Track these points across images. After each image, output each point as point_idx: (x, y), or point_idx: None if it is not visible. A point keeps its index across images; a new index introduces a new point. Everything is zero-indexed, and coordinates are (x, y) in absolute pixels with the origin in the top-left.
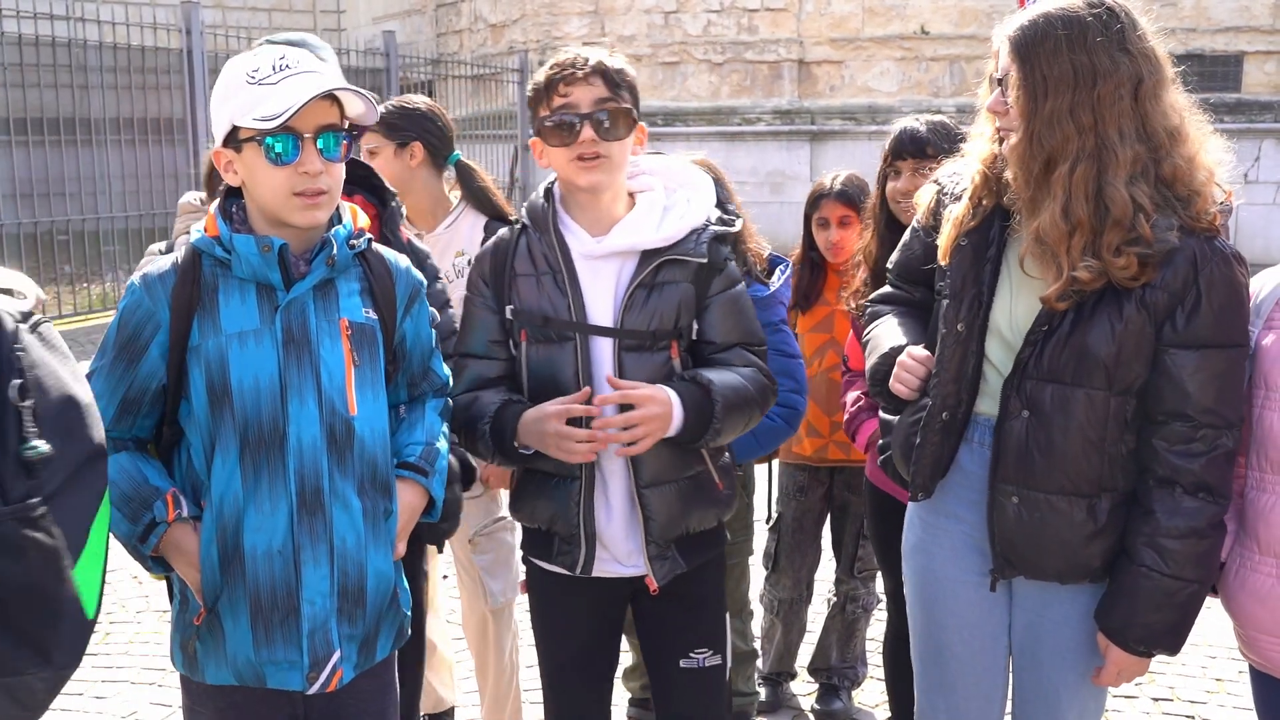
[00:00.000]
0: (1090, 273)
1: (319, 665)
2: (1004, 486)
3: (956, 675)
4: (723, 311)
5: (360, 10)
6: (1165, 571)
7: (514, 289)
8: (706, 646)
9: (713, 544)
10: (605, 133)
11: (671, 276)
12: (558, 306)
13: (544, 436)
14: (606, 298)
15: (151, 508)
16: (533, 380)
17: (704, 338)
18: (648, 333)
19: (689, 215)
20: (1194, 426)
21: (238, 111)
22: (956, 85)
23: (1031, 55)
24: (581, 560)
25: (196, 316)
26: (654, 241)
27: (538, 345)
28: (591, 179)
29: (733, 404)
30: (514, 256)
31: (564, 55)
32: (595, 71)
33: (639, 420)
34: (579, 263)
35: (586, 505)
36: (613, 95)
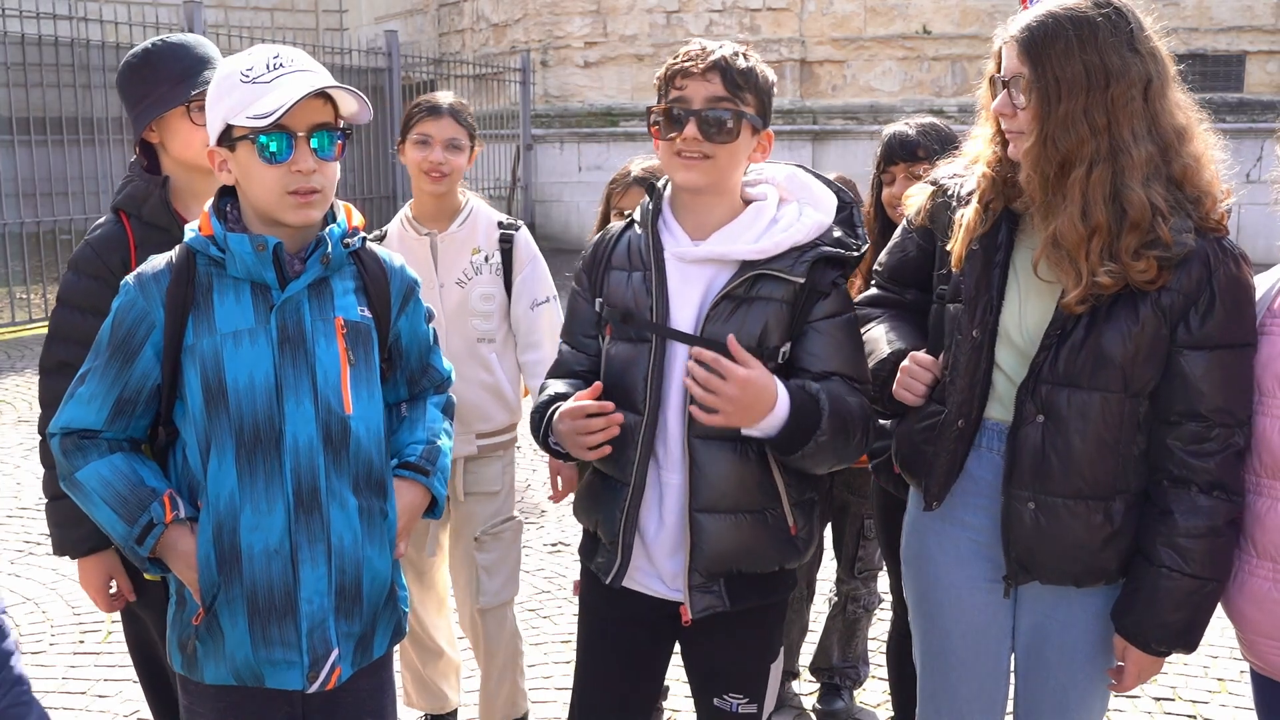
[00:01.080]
0: (1112, 278)
1: (318, 664)
2: (1019, 493)
3: (959, 680)
4: (823, 339)
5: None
6: (1186, 571)
7: (605, 282)
8: (743, 694)
9: (773, 589)
10: (712, 133)
11: (766, 292)
12: (641, 305)
13: (561, 436)
14: (692, 304)
15: (148, 509)
16: (608, 377)
17: (799, 364)
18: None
19: (795, 230)
20: (1208, 426)
21: (231, 110)
22: (959, 85)
23: (1043, 57)
24: (614, 570)
25: (191, 316)
26: (748, 253)
27: (619, 343)
28: (688, 176)
29: (839, 425)
30: (613, 250)
31: (691, 46)
32: (714, 67)
33: (726, 393)
34: (670, 264)
35: (631, 514)
36: (730, 95)
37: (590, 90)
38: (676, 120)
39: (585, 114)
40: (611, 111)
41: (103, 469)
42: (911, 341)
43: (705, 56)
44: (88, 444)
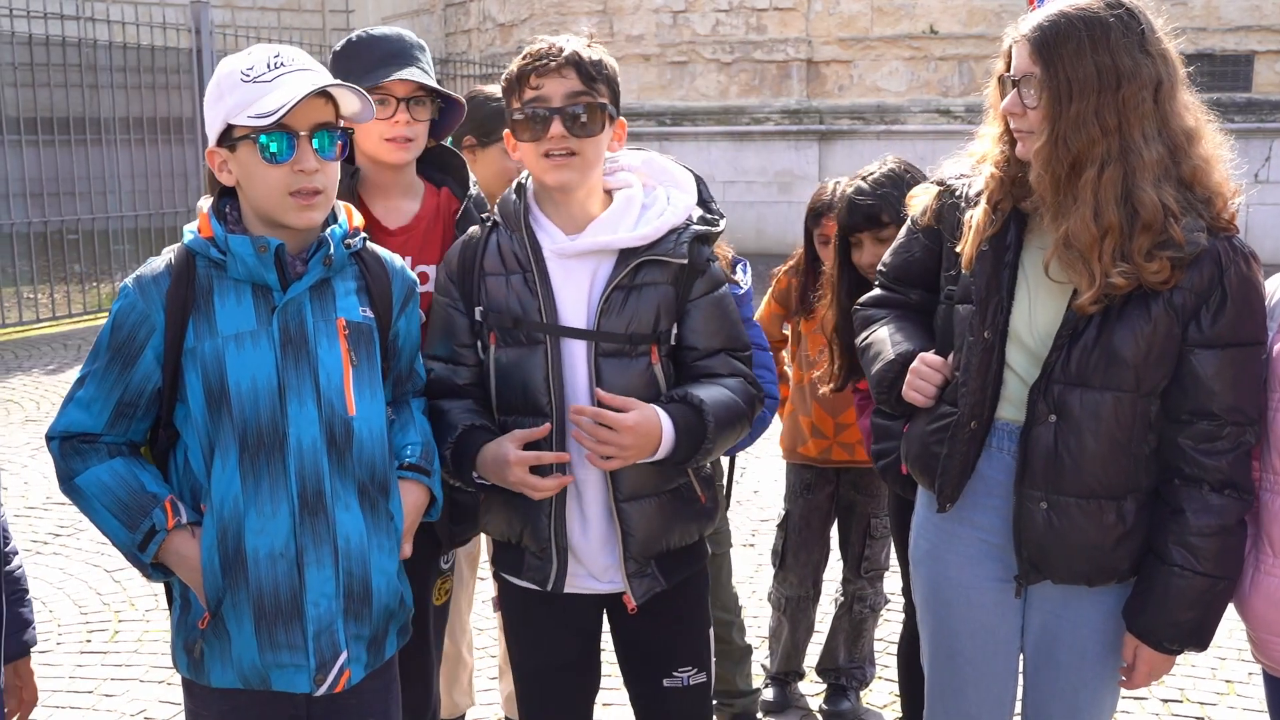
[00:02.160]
0: (1125, 278)
1: (325, 667)
2: (1031, 493)
3: (967, 679)
4: (706, 315)
5: (369, 10)
6: (1198, 570)
7: (483, 288)
8: (690, 664)
9: (694, 559)
10: (577, 129)
11: (651, 278)
12: (528, 307)
13: (504, 480)
14: (580, 299)
15: (150, 515)
16: (501, 385)
17: (685, 343)
18: (624, 336)
19: (669, 214)
20: (1219, 424)
21: (232, 110)
22: (965, 85)
23: (1055, 57)
24: (553, 576)
25: (192, 319)
26: (630, 240)
27: (507, 349)
28: (561, 177)
29: (724, 422)
30: (483, 255)
31: (538, 44)
32: (569, 63)
33: (611, 441)
34: (551, 261)
35: (559, 518)
36: (587, 89)
37: None
38: (538, 120)
39: None
40: None
41: (103, 474)
42: (918, 343)
43: (558, 53)
44: (87, 448)
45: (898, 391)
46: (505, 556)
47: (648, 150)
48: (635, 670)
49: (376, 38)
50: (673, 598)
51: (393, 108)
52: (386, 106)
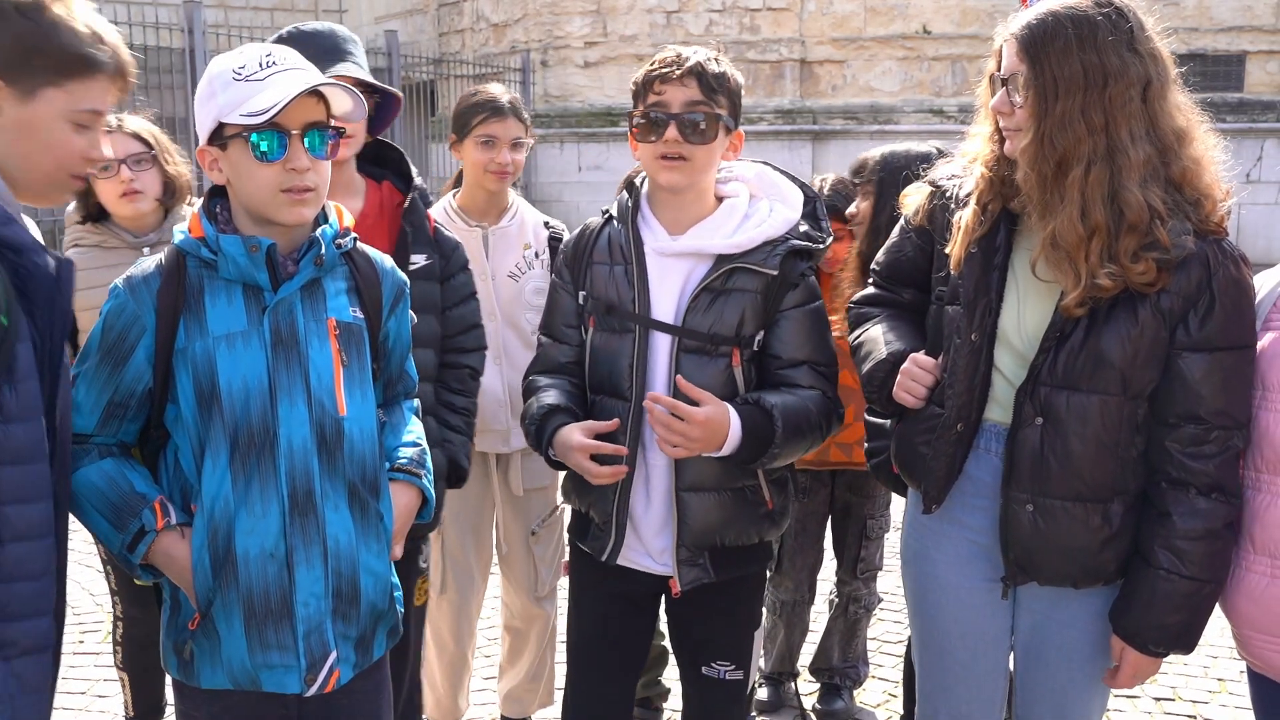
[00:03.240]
0: (1112, 279)
1: (315, 667)
2: (1018, 494)
3: (957, 680)
4: (793, 328)
5: (362, 10)
6: (1184, 573)
7: (589, 276)
8: (729, 660)
9: (751, 560)
10: (691, 135)
11: (741, 284)
12: (624, 297)
13: (570, 463)
14: (672, 296)
15: (139, 515)
16: (593, 367)
17: (771, 351)
18: (706, 335)
19: (767, 225)
20: (1207, 428)
21: (224, 108)
22: (959, 85)
23: (1042, 55)
24: (609, 547)
25: (182, 318)
26: (725, 247)
27: (603, 334)
28: (671, 178)
29: (794, 428)
30: (594, 245)
31: (667, 52)
32: (691, 73)
33: (679, 430)
34: (650, 258)
35: (623, 496)
36: (706, 99)
37: (590, 90)
38: (656, 124)
39: (585, 114)
40: (611, 111)
41: (93, 475)
42: (909, 342)
43: (682, 63)
44: (78, 449)
45: (888, 391)
46: (577, 524)
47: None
48: (681, 653)
49: (308, 33)
50: (722, 592)
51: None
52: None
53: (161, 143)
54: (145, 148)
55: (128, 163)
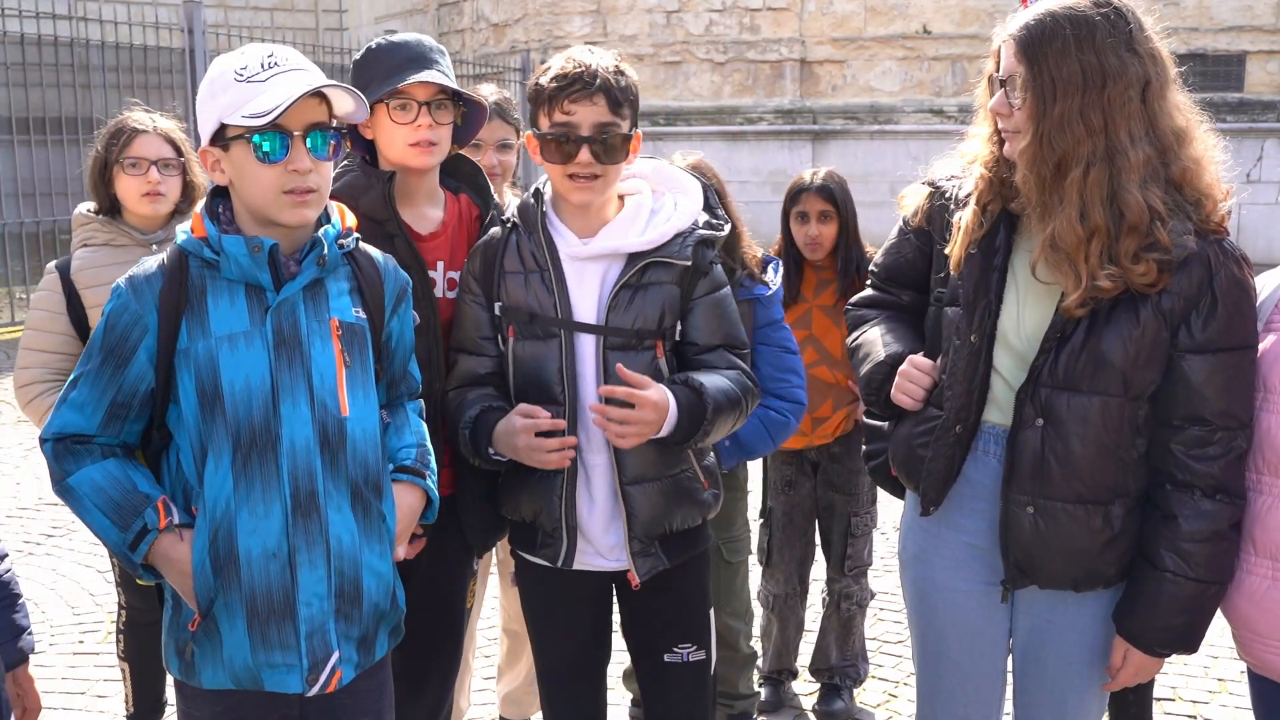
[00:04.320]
0: (1112, 281)
1: (318, 667)
2: (1018, 497)
3: (956, 682)
4: (706, 314)
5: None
6: (1189, 575)
7: (502, 286)
8: (690, 642)
9: (697, 541)
10: (604, 156)
11: (656, 278)
12: (544, 304)
13: (515, 449)
14: (591, 297)
15: (142, 515)
16: (518, 376)
17: (687, 339)
18: (631, 331)
19: (675, 219)
20: (1210, 430)
21: (226, 109)
22: (959, 85)
23: (1040, 56)
24: (563, 553)
25: (185, 319)
26: (639, 245)
27: (524, 341)
28: (584, 198)
29: (722, 407)
30: (504, 255)
31: (570, 64)
32: (600, 90)
33: (635, 420)
34: (566, 263)
35: (569, 499)
36: (615, 117)
37: None
38: (566, 144)
39: None
40: None
41: (95, 474)
42: (908, 344)
43: (590, 79)
44: (81, 449)
45: (886, 393)
46: (521, 535)
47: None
48: (639, 645)
49: (397, 44)
50: (675, 577)
51: (414, 112)
52: (408, 111)
53: (187, 150)
54: (175, 154)
55: (158, 165)
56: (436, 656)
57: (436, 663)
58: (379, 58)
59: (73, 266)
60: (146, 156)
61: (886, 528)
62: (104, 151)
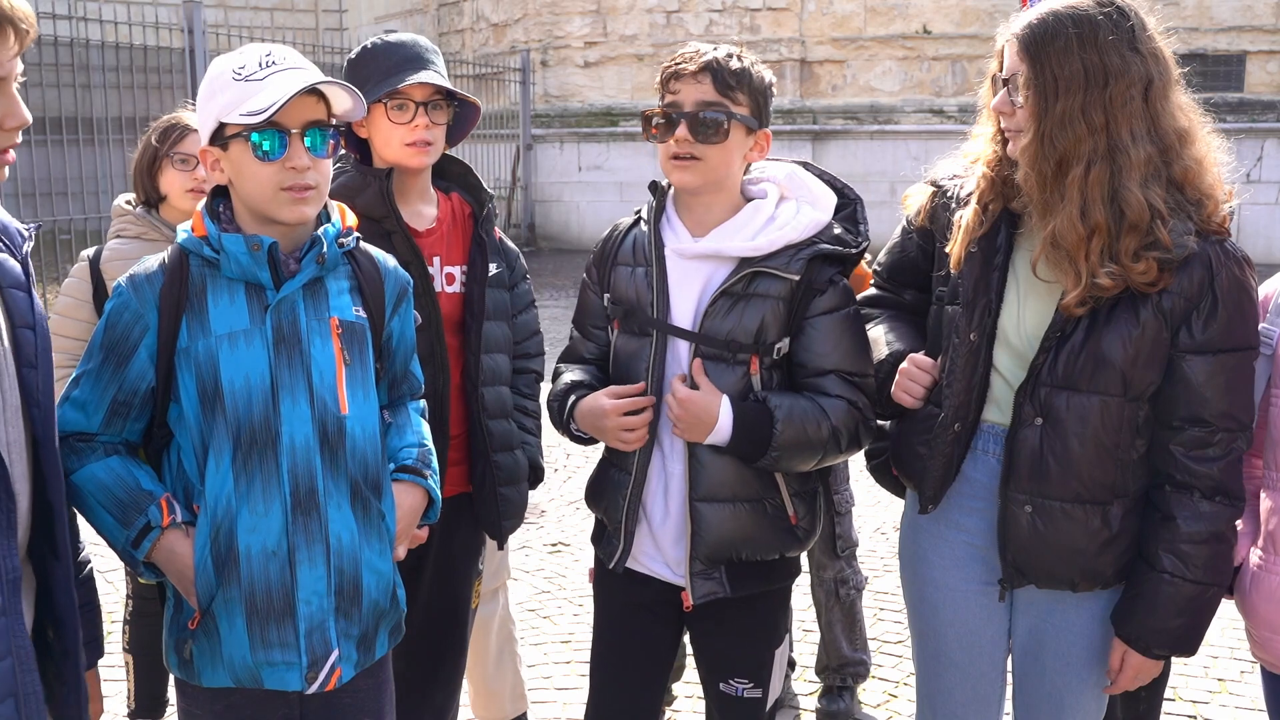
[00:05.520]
0: (1112, 279)
1: (317, 665)
2: (1016, 496)
3: (955, 681)
4: (820, 335)
5: (362, 9)
6: (1188, 577)
7: (612, 277)
8: (747, 678)
9: (772, 577)
10: (702, 135)
11: (763, 290)
12: (643, 300)
13: (602, 430)
14: (691, 299)
15: (145, 512)
16: (616, 369)
17: (797, 360)
18: (723, 341)
19: (790, 229)
20: (1210, 431)
21: (224, 108)
22: (959, 85)
23: (1042, 54)
24: (618, 554)
25: (185, 317)
26: (744, 250)
27: (624, 336)
28: (682, 178)
29: (798, 431)
30: (619, 246)
31: (686, 49)
32: (705, 69)
33: (678, 411)
34: (671, 260)
35: (633, 502)
36: (721, 97)
37: (590, 90)
38: (669, 122)
39: (585, 114)
40: (611, 111)
41: (99, 471)
42: (910, 343)
43: (697, 59)
44: (84, 447)
45: (887, 392)
46: (596, 530)
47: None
48: (699, 667)
49: (393, 44)
50: (740, 609)
51: (411, 112)
52: (405, 111)
53: None
54: None
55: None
56: (443, 657)
57: (443, 663)
58: (375, 58)
59: (103, 256)
60: (195, 154)
61: (887, 528)
62: (156, 144)
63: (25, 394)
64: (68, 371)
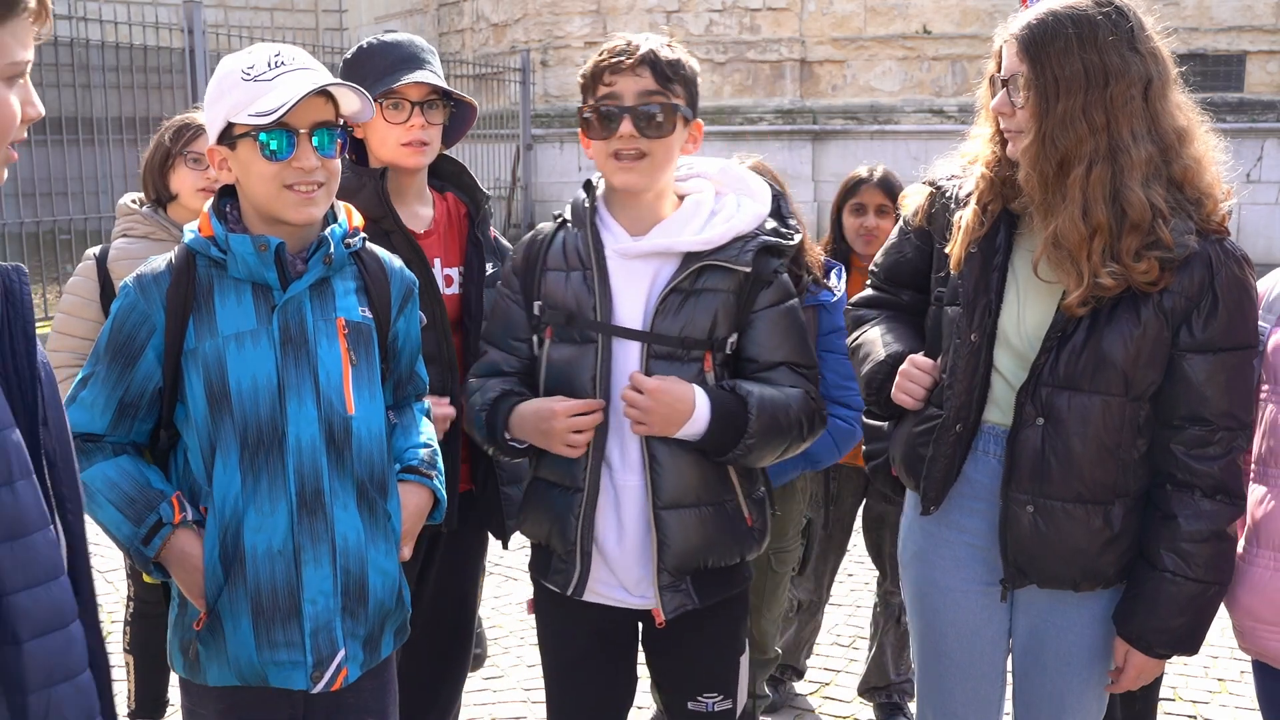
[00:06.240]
0: (1114, 279)
1: (323, 664)
2: (1018, 496)
3: (955, 682)
4: (769, 328)
5: (362, 10)
6: (1190, 575)
7: (542, 284)
8: (717, 691)
9: (733, 582)
10: (648, 129)
11: (713, 284)
12: (583, 305)
13: (547, 433)
14: (638, 300)
15: (156, 509)
16: (550, 381)
17: (746, 354)
18: (677, 339)
19: (736, 220)
20: (1211, 430)
21: (233, 108)
22: (959, 85)
23: (1042, 55)
24: (575, 580)
25: (192, 318)
26: (693, 244)
27: (560, 345)
28: (627, 179)
29: (771, 421)
30: (548, 251)
31: (615, 41)
32: (644, 61)
33: (642, 405)
34: (612, 261)
35: (587, 520)
36: (661, 88)
37: None
38: (609, 118)
39: None
40: None
41: (109, 470)
42: (908, 344)
43: (633, 51)
44: (92, 448)
45: (887, 393)
46: (537, 558)
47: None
48: (665, 688)
49: (389, 44)
50: (705, 620)
51: (407, 112)
52: (401, 111)
53: None
54: None
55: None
56: (447, 656)
57: (447, 662)
58: (371, 57)
59: (110, 255)
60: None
61: None
62: (168, 143)
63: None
64: (73, 371)
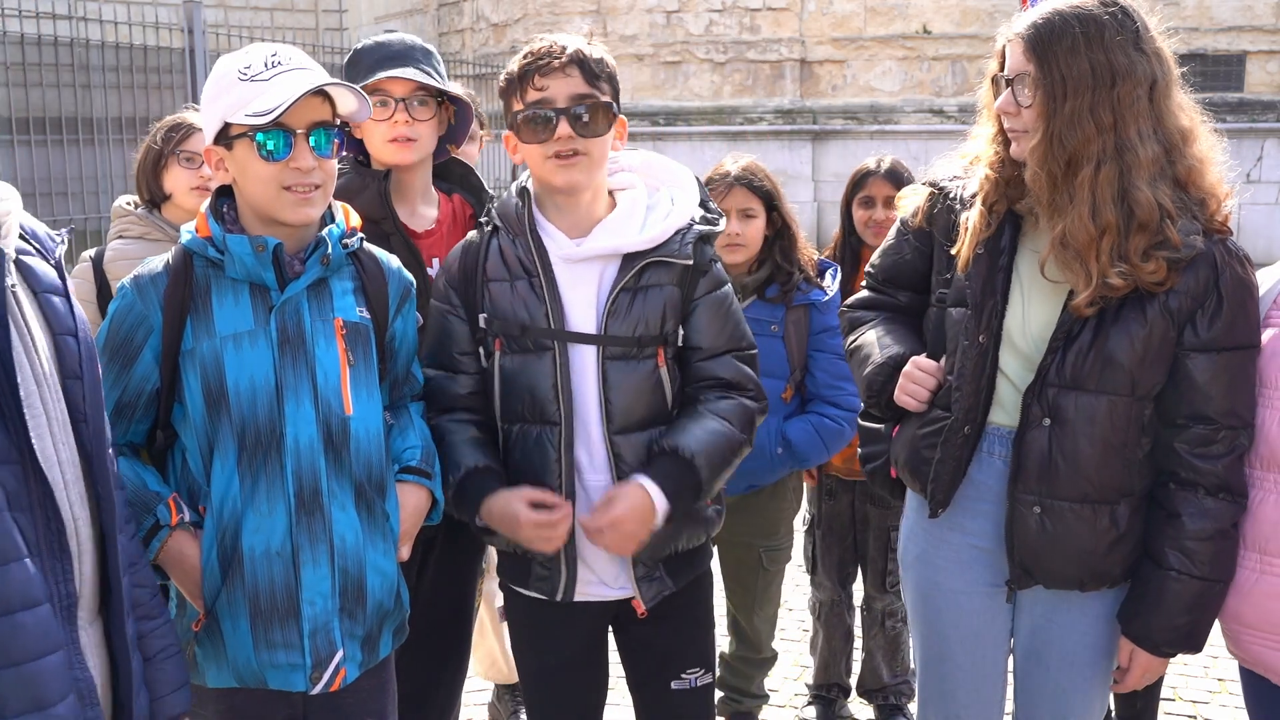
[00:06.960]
0: (1123, 279)
1: (321, 665)
2: (1025, 497)
3: (957, 682)
4: (709, 315)
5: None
6: (1194, 574)
7: (486, 295)
8: (698, 666)
9: (699, 561)
10: (584, 129)
11: (656, 279)
12: (534, 313)
13: (516, 537)
14: (588, 303)
15: (154, 511)
16: (505, 393)
17: (690, 343)
18: (632, 339)
19: (673, 215)
20: (1215, 429)
21: (230, 108)
22: (959, 85)
23: (1049, 54)
24: (563, 585)
25: (190, 319)
26: (639, 244)
27: (512, 355)
28: (569, 178)
29: (719, 460)
30: (485, 260)
31: (539, 43)
32: (573, 61)
33: (615, 536)
34: (557, 266)
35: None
36: (592, 88)
37: None
38: (543, 121)
39: None
40: None
41: None
42: (908, 345)
43: (561, 52)
44: None
45: (888, 395)
46: (511, 567)
47: (642, 150)
48: (643, 674)
49: (381, 42)
50: (680, 600)
51: (391, 108)
52: (385, 107)
53: None
54: None
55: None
56: (446, 656)
57: (446, 662)
58: (362, 56)
59: (106, 256)
60: (201, 153)
61: None
62: (160, 144)
63: (71, 408)
64: None
